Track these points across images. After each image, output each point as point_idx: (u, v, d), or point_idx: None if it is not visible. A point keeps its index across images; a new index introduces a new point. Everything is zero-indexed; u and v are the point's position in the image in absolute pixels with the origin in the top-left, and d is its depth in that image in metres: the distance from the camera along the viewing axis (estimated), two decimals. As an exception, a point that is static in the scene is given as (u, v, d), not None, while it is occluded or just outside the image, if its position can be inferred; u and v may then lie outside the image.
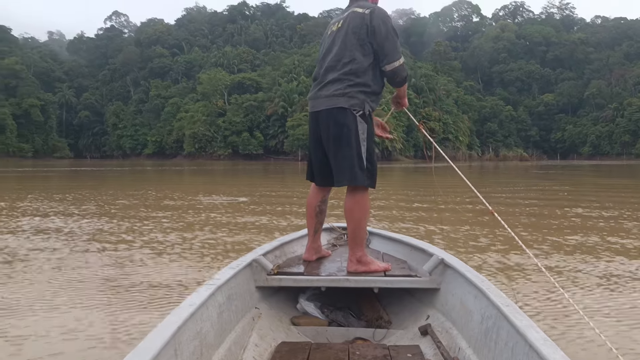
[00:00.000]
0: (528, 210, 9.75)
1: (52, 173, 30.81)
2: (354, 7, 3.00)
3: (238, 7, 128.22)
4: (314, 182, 3.19)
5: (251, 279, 2.76)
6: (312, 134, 3.10)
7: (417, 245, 3.23)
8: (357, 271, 2.84)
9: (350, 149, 2.86)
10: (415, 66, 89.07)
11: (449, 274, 2.68)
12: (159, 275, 4.48)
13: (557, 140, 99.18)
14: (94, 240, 6.16)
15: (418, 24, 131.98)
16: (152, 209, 9.71)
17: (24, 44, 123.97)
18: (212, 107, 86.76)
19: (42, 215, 8.61)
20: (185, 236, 6.47)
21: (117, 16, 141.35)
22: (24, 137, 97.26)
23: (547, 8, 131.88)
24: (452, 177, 3.66)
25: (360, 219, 2.92)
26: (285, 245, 3.39)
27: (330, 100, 2.91)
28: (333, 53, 2.98)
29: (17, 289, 4.00)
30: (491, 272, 4.56)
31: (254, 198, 12.38)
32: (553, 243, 6.02)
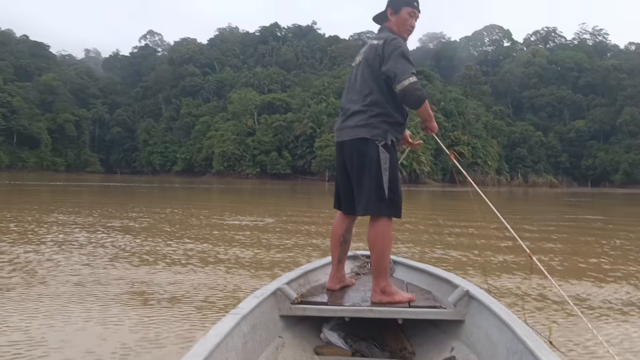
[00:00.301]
0: (560, 238, 9.62)
1: (83, 188, 31.40)
2: (372, 40, 3.12)
3: (270, 28, 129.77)
4: (341, 209, 3.23)
5: (275, 307, 2.76)
6: (338, 163, 3.17)
7: (442, 275, 3.24)
8: (381, 301, 2.86)
9: (371, 179, 2.92)
10: (445, 90, 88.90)
11: (474, 306, 2.67)
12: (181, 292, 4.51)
13: (587, 167, 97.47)
14: (115, 260, 6.26)
15: (448, 47, 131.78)
16: (177, 229, 9.83)
17: (61, 60, 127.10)
18: (241, 127, 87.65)
19: (64, 235, 8.77)
20: (207, 259, 6.54)
21: (151, 35, 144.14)
22: (58, 151, 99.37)
23: (580, 34, 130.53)
24: (479, 203, 3.63)
25: (383, 249, 2.94)
26: (309, 273, 3.41)
27: (353, 131, 2.99)
28: (354, 85, 3.09)
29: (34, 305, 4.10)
30: (520, 305, 4.50)
31: (280, 220, 12.44)
32: (589, 277, 5.93)
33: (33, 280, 5.02)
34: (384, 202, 2.92)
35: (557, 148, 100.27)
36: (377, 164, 2.92)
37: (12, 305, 4.09)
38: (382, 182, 2.92)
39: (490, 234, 10.11)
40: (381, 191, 2.92)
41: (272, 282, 2.98)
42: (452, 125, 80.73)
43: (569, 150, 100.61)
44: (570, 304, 2.60)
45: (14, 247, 6.94)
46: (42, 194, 24.10)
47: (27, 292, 4.55)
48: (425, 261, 5.99)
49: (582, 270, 6.44)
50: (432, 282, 3.31)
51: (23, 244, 7.19)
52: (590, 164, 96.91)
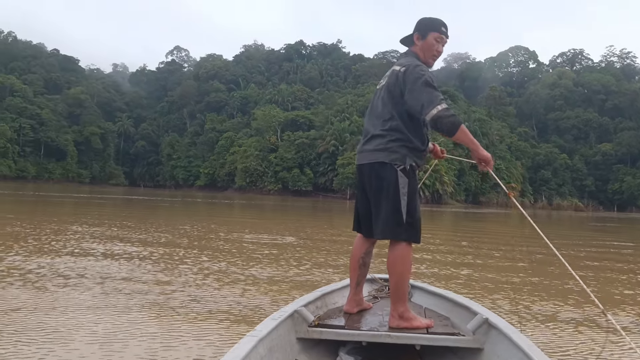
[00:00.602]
0: (590, 266, 9.36)
1: (106, 200, 31.68)
2: (395, 66, 3.12)
3: (295, 46, 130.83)
4: (361, 232, 3.21)
5: (292, 330, 2.76)
6: (359, 185, 3.19)
7: (461, 302, 3.21)
8: (399, 327, 2.83)
9: (389, 203, 2.91)
10: (469, 110, 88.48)
11: (494, 335, 2.63)
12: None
13: (614, 191, 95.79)
14: (129, 281, 6.20)
15: (473, 68, 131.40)
16: (196, 245, 9.79)
17: (89, 74, 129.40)
18: (264, 143, 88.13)
19: (80, 250, 8.78)
20: (223, 279, 6.46)
21: (178, 51, 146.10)
22: (83, 164, 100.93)
23: (607, 56, 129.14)
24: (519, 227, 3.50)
25: (402, 273, 2.92)
26: (327, 295, 3.39)
27: (372, 155, 3.00)
28: (376, 109, 3.10)
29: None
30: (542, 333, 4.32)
31: (300, 238, 12.34)
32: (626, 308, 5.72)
33: (43, 296, 4.98)
34: (402, 227, 2.90)
35: (583, 171, 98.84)
36: (395, 188, 2.91)
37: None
38: (400, 207, 2.90)
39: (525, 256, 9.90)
40: (399, 215, 2.90)
41: (290, 304, 2.97)
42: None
43: (594, 173, 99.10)
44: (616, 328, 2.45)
45: (30, 257, 6.94)
46: (65, 205, 24.35)
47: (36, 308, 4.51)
48: (450, 287, 5.87)
49: (618, 300, 6.21)
50: (451, 308, 3.26)
51: (37, 255, 7.20)
52: (616, 188, 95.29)
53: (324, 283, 5.28)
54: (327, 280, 5.96)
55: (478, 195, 77.49)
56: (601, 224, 33.38)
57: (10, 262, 6.59)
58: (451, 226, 23.50)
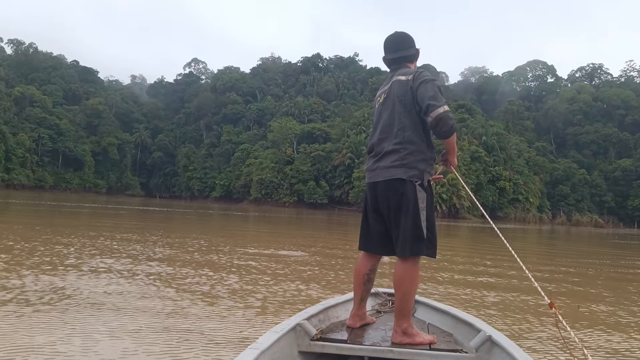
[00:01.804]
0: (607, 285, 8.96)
1: (122, 211, 31.62)
2: (397, 76, 3.08)
3: (312, 58, 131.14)
4: (370, 251, 3.19)
5: (294, 343, 2.75)
6: (370, 204, 3.13)
7: (464, 318, 3.18)
8: (401, 342, 2.83)
9: (408, 219, 2.89)
10: (486, 124, 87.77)
11: (497, 352, 2.62)
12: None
13: (634, 207, 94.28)
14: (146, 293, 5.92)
15: (490, 82, 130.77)
16: (208, 260, 9.53)
17: (108, 86, 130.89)
18: (280, 155, 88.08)
19: (87, 267, 8.57)
20: (233, 295, 6.18)
21: (196, 63, 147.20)
22: (100, 174, 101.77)
23: (627, 71, 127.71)
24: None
25: (409, 289, 2.91)
26: (330, 309, 3.37)
27: (389, 172, 2.96)
28: (382, 124, 3.07)
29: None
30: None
31: (314, 253, 12.05)
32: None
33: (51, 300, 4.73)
34: (423, 242, 2.90)
35: (602, 187, 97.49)
36: (414, 204, 2.90)
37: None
38: (419, 222, 2.89)
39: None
40: (419, 231, 2.89)
41: (292, 317, 2.96)
42: (494, 160, 79.41)
43: (614, 189, 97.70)
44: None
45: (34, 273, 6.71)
46: (80, 216, 24.28)
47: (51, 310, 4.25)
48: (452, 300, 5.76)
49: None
50: (454, 324, 3.24)
51: (40, 269, 6.97)
52: (637, 204, 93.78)
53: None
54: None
55: (496, 210, 76.55)
56: (625, 241, 32.60)
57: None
58: (470, 242, 23.05)
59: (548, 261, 13.48)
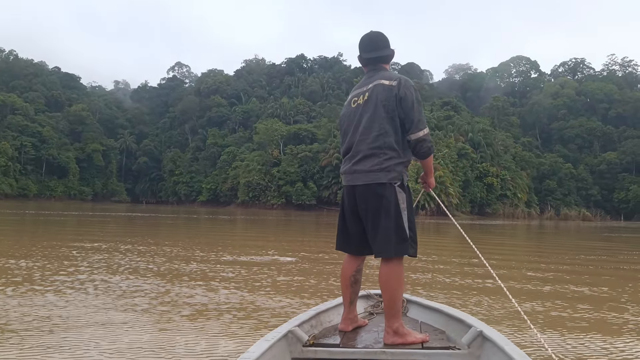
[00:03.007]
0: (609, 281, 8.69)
1: (104, 218, 31.08)
2: (379, 80, 3.05)
3: (296, 59, 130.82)
4: (348, 251, 3.20)
5: (287, 350, 2.74)
6: (348, 206, 3.13)
7: (456, 315, 3.18)
8: (394, 343, 2.83)
9: (390, 220, 2.89)
10: (472, 121, 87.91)
11: (488, 347, 2.63)
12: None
13: (620, 200, 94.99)
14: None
15: (475, 79, 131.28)
16: (193, 268, 9.14)
17: (91, 91, 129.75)
18: (267, 157, 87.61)
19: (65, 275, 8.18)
20: (218, 308, 5.81)
21: (179, 67, 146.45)
22: (85, 181, 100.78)
23: (609, 65, 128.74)
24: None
25: (396, 289, 2.91)
26: (321, 314, 3.34)
27: (368, 176, 2.95)
28: (363, 126, 3.02)
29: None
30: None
31: (302, 258, 11.70)
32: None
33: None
34: (406, 242, 2.91)
35: (588, 180, 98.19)
36: (396, 205, 2.91)
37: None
38: (402, 223, 2.91)
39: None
40: (402, 231, 2.90)
41: (284, 324, 2.92)
42: (481, 157, 79.53)
43: (600, 182, 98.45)
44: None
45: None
46: (52, 224, 23.75)
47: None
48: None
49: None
50: (447, 322, 3.25)
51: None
52: (622, 197, 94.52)
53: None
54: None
55: (484, 206, 76.65)
56: (616, 234, 32.55)
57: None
58: (458, 238, 22.73)
59: (547, 259, 13.22)
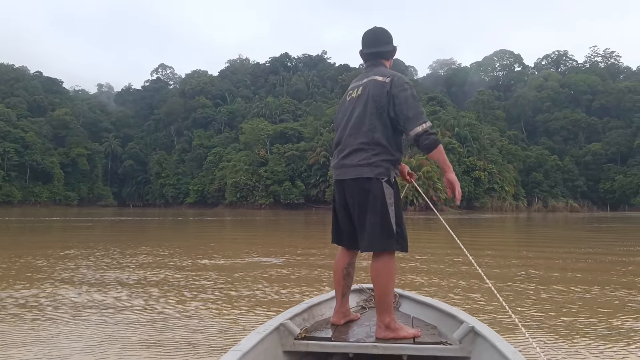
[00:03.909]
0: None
1: (92, 223, 30.64)
2: (373, 75, 3.04)
3: (280, 58, 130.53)
4: (342, 245, 3.19)
5: (278, 343, 2.74)
6: (338, 200, 3.13)
7: (448, 310, 3.19)
8: (385, 337, 2.82)
9: (376, 215, 2.89)
10: (458, 115, 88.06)
11: (480, 343, 2.64)
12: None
13: (606, 190, 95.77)
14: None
15: (459, 73, 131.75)
16: (180, 277, 8.88)
17: (74, 96, 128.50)
18: (254, 157, 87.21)
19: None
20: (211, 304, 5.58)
21: (163, 68, 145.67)
22: (71, 186, 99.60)
23: (591, 57, 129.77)
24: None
25: (387, 284, 2.91)
26: (314, 307, 3.35)
27: (355, 170, 2.94)
28: (353, 121, 3.02)
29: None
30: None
31: (290, 259, 11.47)
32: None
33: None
34: (393, 238, 2.90)
35: (574, 172, 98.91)
36: (382, 200, 2.90)
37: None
38: (389, 218, 2.90)
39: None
40: (389, 226, 2.90)
41: (276, 317, 2.92)
42: (468, 151, 79.66)
43: (585, 173, 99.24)
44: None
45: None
46: (32, 231, 23.35)
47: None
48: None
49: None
50: (439, 317, 3.25)
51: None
52: (608, 187, 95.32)
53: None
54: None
55: (472, 200, 76.77)
56: (606, 224, 32.62)
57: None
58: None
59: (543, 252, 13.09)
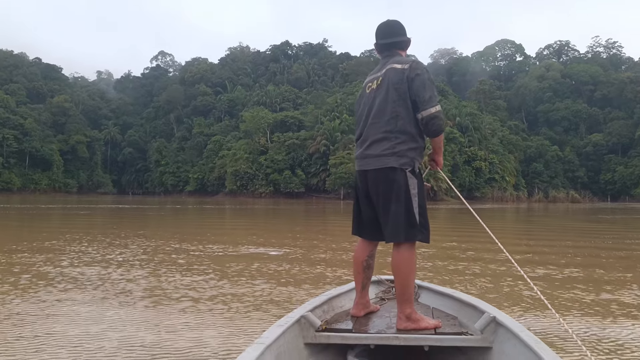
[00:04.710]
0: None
1: (91, 210, 30.46)
2: (391, 64, 3.05)
3: (281, 46, 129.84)
4: (363, 236, 3.19)
5: (299, 335, 2.75)
6: (361, 191, 3.12)
7: (468, 301, 3.17)
8: (406, 328, 2.82)
9: (400, 205, 2.88)
10: (460, 105, 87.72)
11: (502, 333, 2.64)
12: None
13: (606, 181, 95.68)
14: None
15: (460, 63, 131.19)
16: (181, 265, 8.69)
17: (73, 82, 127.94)
18: (254, 145, 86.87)
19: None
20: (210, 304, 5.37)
21: (162, 56, 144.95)
22: (70, 173, 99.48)
23: (593, 47, 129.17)
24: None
25: (407, 275, 2.90)
26: (333, 299, 3.35)
27: (379, 160, 2.95)
28: (375, 111, 3.02)
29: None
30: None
31: (289, 251, 11.26)
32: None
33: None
34: (416, 228, 2.89)
35: (575, 162, 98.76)
36: (406, 190, 2.89)
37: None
38: (412, 208, 2.89)
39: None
40: (412, 217, 2.89)
41: (296, 309, 2.94)
42: (469, 141, 79.46)
43: (586, 164, 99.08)
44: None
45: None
46: (21, 219, 23.18)
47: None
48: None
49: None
50: (459, 307, 3.23)
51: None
52: (609, 178, 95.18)
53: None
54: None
55: (473, 190, 76.68)
56: (610, 216, 32.45)
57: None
58: (446, 224, 22.51)
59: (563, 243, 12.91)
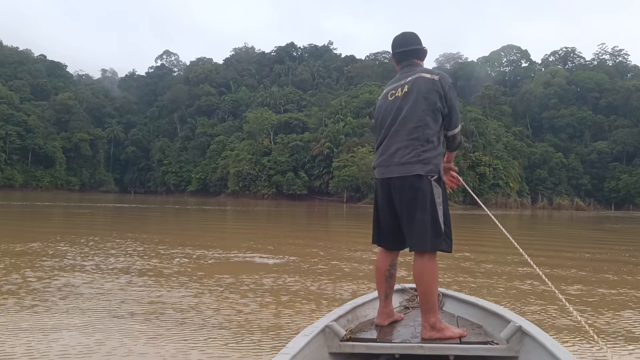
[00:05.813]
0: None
1: (92, 209, 30.18)
2: (420, 73, 3.05)
3: (286, 48, 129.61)
4: (383, 246, 3.17)
5: (324, 345, 2.75)
6: (383, 199, 3.08)
7: (493, 309, 3.13)
8: (431, 338, 2.80)
9: (425, 214, 2.86)
10: (464, 110, 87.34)
11: (528, 343, 2.61)
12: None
13: (610, 189, 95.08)
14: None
15: (466, 68, 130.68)
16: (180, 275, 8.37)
17: (78, 80, 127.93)
18: (257, 146, 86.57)
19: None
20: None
21: (167, 55, 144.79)
22: (73, 171, 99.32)
23: (599, 54, 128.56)
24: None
25: (430, 284, 2.88)
26: (357, 308, 3.32)
27: (405, 168, 2.92)
28: (402, 118, 3.00)
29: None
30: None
31: (288, 261, 10.91)
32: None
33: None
34: (441, 237, 2.88)
35: (579, 170, 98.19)
36: (431, 199, 2.88)
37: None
38: (437, 217, 2.88)
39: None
40: (437, 226, 2.88)
41: (321, 319, 2.93)
42: (473, 146, 79.04)
43: (590, 172, 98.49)
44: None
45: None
46: (16, 217, 22.90)
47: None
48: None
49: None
50: (483, 316, 3.19)
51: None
52: (613, 186, 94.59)
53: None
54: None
55: (477, 196, 76.18)
56: (618, 225, 32.01)
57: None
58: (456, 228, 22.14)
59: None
